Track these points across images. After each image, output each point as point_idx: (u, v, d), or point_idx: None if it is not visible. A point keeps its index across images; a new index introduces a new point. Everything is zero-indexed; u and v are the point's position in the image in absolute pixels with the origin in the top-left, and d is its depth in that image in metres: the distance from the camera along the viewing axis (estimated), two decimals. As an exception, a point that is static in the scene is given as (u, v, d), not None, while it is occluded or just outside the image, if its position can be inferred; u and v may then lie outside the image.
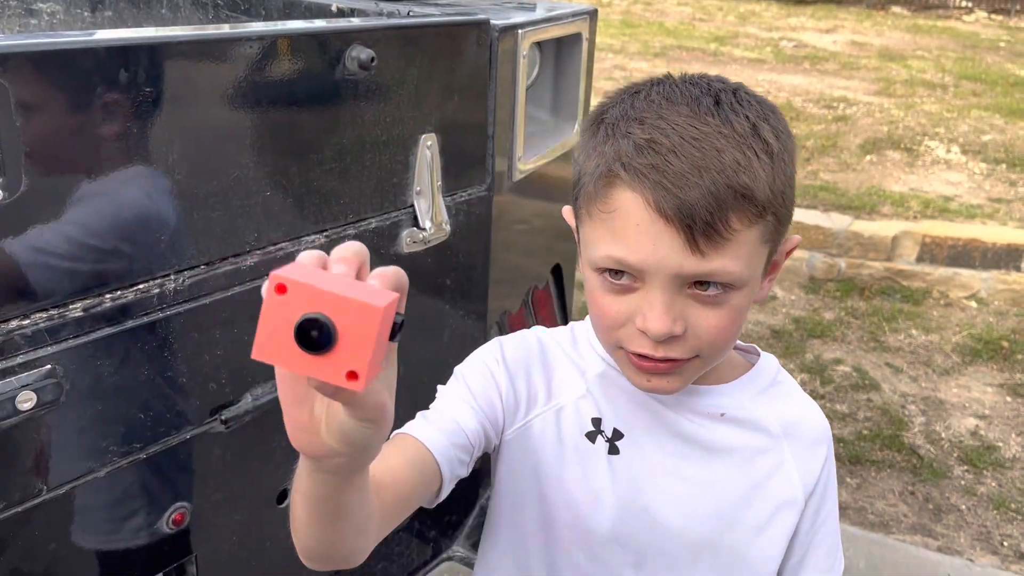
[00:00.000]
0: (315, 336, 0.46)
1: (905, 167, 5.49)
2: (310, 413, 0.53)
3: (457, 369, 0.89)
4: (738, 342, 0.88)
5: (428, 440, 0.78)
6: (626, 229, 0.72)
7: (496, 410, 0.85)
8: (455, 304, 1.53)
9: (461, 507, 1.71)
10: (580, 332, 0.91)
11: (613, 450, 0.84)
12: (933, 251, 4.23)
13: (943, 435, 3.15)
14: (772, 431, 0.85)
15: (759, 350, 0.90)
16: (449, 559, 1.68)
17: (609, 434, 0.84)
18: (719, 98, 0.72)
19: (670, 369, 0.76)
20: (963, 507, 2.79)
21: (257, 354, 0.48)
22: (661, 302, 0.72)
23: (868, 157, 5.54)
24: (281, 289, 0.47)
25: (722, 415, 0.84)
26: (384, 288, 0.49)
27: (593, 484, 0.84)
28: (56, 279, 0.95)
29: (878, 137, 5.82)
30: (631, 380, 0.80)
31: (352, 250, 0.51)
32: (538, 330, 0.92)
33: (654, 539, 0.84)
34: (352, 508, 0.63)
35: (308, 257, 0.50)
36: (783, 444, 0.85)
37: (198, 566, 1.20)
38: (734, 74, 7.63)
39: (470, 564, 1.67)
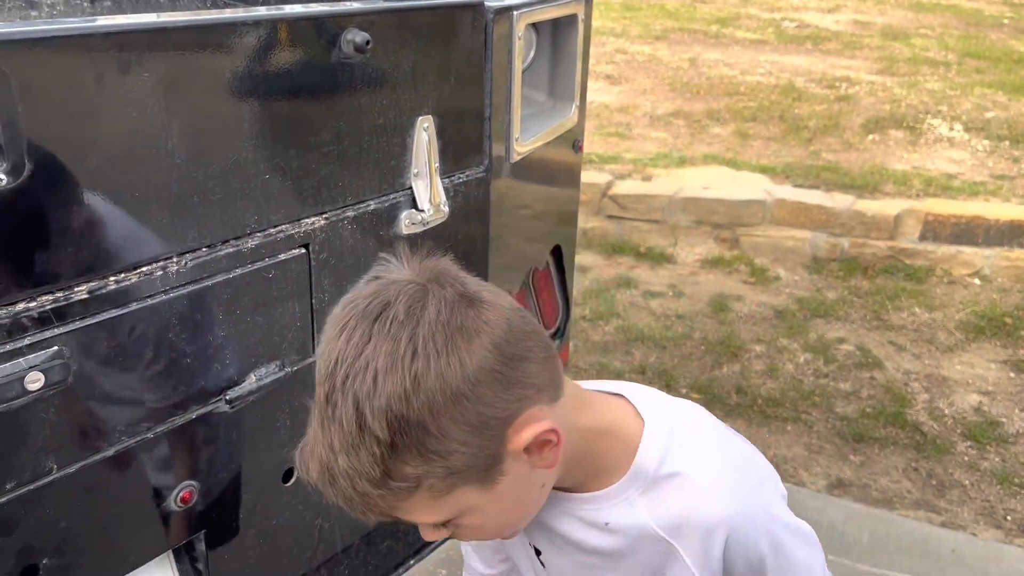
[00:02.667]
0: None
1: (908, 145, 5.47)
2: None
3: None
4: (641, 406, 0.84)
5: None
6: None
7: None
8: (455, 285, 1.54)
9: (465, 486, 1.73)
10: None
11: (541, 563, 0.92)
12: (936, 229, 4.23)
13: (946, 412, 3.16)
14: (656, 534, 0.83)
15: (649, 430, 0.83)
16: (453, 537, 1.70)
17: (535, 549, 0.92)
18: (335, 384, 0.69)
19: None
20: (967, 482, 2.80)
21: None
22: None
23: (870, 136, 5.53)
24: None
25: (606, 524, 0.84)
26: None
27: None
28: (60, 262, 0.97)
29: (880, 116, 5.80)
30: None
31: None
32: None
33: None
34: None
35: None
36: (671, 543, 0.83)
37: (207, 543, 1.23)
38: (735, 56, 7.59)
39: (475, 541, 1.69)
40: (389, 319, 0.69)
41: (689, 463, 0.82)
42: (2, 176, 0.89)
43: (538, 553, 0.91)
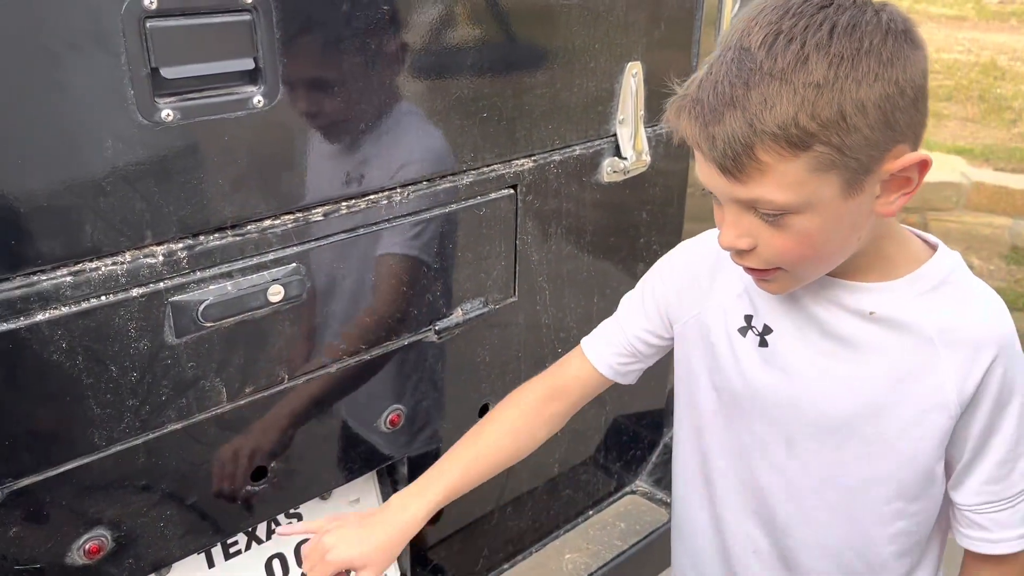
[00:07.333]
0: None
1: None
2: None
3: (639, 283, 1.06)
4: (929, 237, 0.89)
5: (594, 357, 1.04)
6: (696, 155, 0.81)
7: (662, 315, 1.01)
8: (649, 238, 1.53)
9: (645, 444, 1.72)
10: None
11: (763, 343, 0.92)
12: None
13: None
14: (925, 333, 0.84)
15: (942, 249, 0.88)
16: (632, 493, 1.70)
17: (760, 329, 0.92)
18: (781, 29, 0.74)
19: (761, 276, 0.84)
20: None
21: None
22: (727, 220, 0.80)
23: (1086, 119, 5.01)
24: None
25: (871, 313, 0.85)
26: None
27: (746, 373, 0.93)
28: (303, 184, 1.03)
29: (1099, 97, 5.24)
30: None
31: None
32: (712, 234, 0.99)
33: (802, 425, 0.91)
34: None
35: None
36: (937, 347, 0.84)
37: (409, 468, 1.29)
38: (929, 32, 7.07)
39: (653, 499, 1.69)
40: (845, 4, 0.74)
41: (974, 285, 0.87)
42: (260, 98, 0.96)
43: (766, 332, 0.91)
